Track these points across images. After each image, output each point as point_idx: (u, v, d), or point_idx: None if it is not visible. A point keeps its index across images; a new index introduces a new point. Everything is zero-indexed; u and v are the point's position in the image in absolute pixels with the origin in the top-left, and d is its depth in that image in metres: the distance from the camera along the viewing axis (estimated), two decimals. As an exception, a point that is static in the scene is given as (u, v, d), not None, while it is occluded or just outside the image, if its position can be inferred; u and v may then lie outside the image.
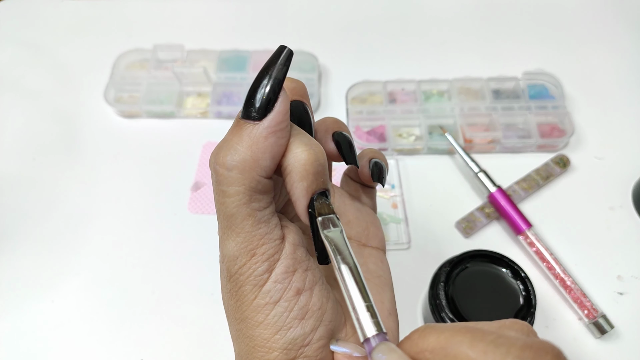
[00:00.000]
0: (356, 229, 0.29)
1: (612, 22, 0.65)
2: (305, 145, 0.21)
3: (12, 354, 0.42)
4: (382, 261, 0.29)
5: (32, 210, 0.50)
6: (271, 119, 0.20)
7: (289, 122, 0.21)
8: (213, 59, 0.59)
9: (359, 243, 0.28)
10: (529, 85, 0.56)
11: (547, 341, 0.17)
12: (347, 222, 0.29)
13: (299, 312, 0.22)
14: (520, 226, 0.46)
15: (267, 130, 0.20)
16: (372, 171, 0.28)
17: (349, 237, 0.28)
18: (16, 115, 0.57)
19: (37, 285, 0.45)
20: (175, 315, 0.44)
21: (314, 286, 0.23)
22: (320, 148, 0.22)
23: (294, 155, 0.21)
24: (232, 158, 0.20)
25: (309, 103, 0.25)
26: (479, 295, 0.40)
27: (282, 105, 0.21)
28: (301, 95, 0.25)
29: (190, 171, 0.52)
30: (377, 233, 0.29)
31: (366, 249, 0.28)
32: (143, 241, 0.48)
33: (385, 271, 0.28)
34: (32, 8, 0.68)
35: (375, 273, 0.28)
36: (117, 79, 0.58)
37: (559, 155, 0.51)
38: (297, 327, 0.22)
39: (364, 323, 0.19)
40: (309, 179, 0.21)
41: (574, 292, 0.43)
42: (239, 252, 0.21)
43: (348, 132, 0.27)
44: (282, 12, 0.67)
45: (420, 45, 0.63)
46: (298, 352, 0.22)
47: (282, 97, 0.21)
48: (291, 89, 0.24)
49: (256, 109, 0.20)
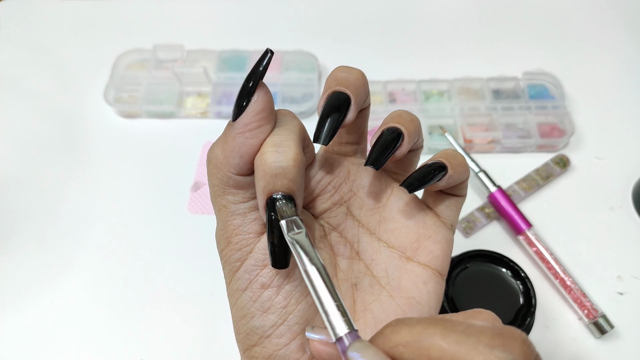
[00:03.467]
0: (402, 239, 0.26)
1: (612, 22, 0.65)
2: (272, 146, 0.21)
3: (12, 354, 0.42)
4: (424, 282, 0.26)
5: (32, 210, 0.50)
6: (239, 120, 0.22)
7: (262, 123, 0.22)
8: (213, 59, 0.59)
9: (402, 255, 0.26)
10: (529, 85, 0.56)
11: (513, 327, 0.17)
12: (391, 230, 0.26)
13: (262, 305, 0.23)
14: (520, 226, 0.46)
15: (235, 130, 0.22)
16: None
17: (392, 247, 0.26)
18: (16, 115, 0.57)
19: (37, 285, 0.45)
20: (175, 315, 0.44)
21: (282, 285, 0.23)
22: (291, 151, 0.21)
23: (259, 155, 0.22)
24: (210, 154, 0.23)
25: (358, 93, 0.24)
26: (479, 295, 0.40)
27: (251, 108, 0.21)
28: (350, 85, 0.23)
29: (190, 171, 0.52)
30: (433, 249, 0.26)
31: (409, 264, 0.26)
32: (143, 241, 0.48)
33: (423, 295, 0.25)
34: (32, 8, 0.68)
35: (406, 292, 0.26)
36: (117, 79, 0.58)
37: (559, 155, 0.51)
38: (258, 318, 0.23)
39: (334, 322, 0.19)
40: (265, 179, 0.21)
41: (574, 292, 0.43)
42: (219, 238, 0.24)
43: (408, 131, 0.24)
44: (282, 12, 0.67)
45: (420, 45, 0.63)
46: (258, 340, 0.23)
47: (254, 99, 0.21)
48: (340, 79, 0.24)
49: (233, 111, 0.22)
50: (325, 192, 0.26)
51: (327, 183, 0.26)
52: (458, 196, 0.27)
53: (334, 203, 0.26)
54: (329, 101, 0.23)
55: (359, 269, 0.27)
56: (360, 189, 0.27)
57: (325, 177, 0.26)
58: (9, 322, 0.43)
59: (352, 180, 0.27)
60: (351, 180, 0.27)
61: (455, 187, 0.26)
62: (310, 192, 0.26)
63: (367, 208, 0.27)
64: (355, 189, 0.27)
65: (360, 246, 0.27)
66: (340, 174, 0.26)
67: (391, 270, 0.26)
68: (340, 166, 0.26)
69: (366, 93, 0.25)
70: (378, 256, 0.26)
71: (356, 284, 0.26)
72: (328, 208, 0.26)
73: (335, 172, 0.26)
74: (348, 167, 0.27)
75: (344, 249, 0.27)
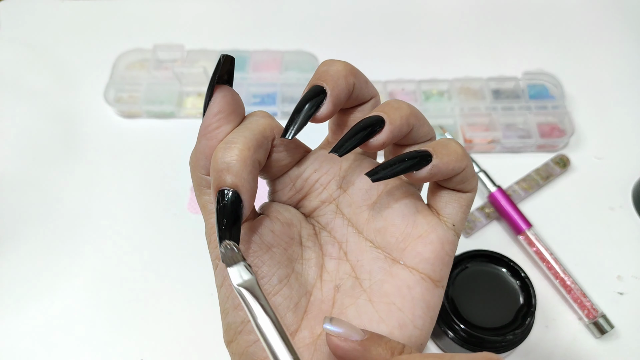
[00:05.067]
0: (388, 238, 0.24)
1: (612, 22, 0.65)
2: (222, 144, 0.22)
3: (12, 354, 0.42)
4: (409, 287, 0.23)
5: (31, 211, 0.50)
6: (201, 123, 0.23)
7: (221, 124, 0.22)
8: (213, 59, 0.59)
9: (388, 257, 0.24)
10: (529, 85, 0.56)
11: None
12: (377, 229, 0.24)
13: (232, 301, 0.23)
14: (520, 226, 0.46)
15: (199, 133, 0.23)
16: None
17: (378, 247, 0.25)
18: (16, 115, 0.57)
19: (37, 285, 0.45)
20: (175, 315, 0.44)
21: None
22: (238, 147, 0.21)
23: (213, 153, 0.22)
24: (190, 157, 0.24)
25: (335, 85, 0.22)
26: (479, 295, 0.40)
27: (209, 110, 0.22)
28: (327, 78, 0.22)
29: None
30: (421, 251, 0.23)
31: (395, 267, 0.24)
32: (143, 241, 0.48)
33: (406, 301, 0.23)
34: (32, 8, 0.68)
35: (387, 298, 0.23)
36: (117, 79, 0.58)
37: (559, 155, 0.51)
38: (231, 314, 0.23)
39: None
40: (213, 175, 0.21)
41: (574, 292, 0.43)
42: (206, 236, 0.24)
43: (391, 118, 0.22)
44: (282, 12, 0.67)
45: (420, 45, 0.63)
46: (233, 336, 0.24)
47: (211, 102, 0.22)
48: (320, 72, 0.23)
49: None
50: (313, 190, 0.25)
51: (314, 181, 0.25)
52: (461, 191, 0.24)
53: (322, 201, 0.26)
54: (303, 96, 0.22)
55: (344, 270, 0.25)
56: (350, 185, 0.25)
57: (313, 174, 0.25)
58: (9, 322, 0.43)
59: (341, 177, 0.25)
60: (341, 177, 0.25)
61: (455, 180, 0.23)
62: (299, 190, 0.25)
63: (356, 206, 0.25)
64: (345, 185, 0.25)
65: (348, 246, 0.25)
66: (330, 171, 0.25)
67: (375, 273, 0.24)
68: (332, 162, 0.25)
69: (348, 85, 0.23)
70: (363, 257, 0.25)
71: (339, 286, 0.25)
72: (317, 206, 0.26)
73: (324, 168, 0.25)
74: (340, 163, 0.26)
75: (332, 248, 0.26)
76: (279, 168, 0.25)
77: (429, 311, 0.23)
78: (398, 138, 0.22)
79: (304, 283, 0.25)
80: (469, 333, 0.38)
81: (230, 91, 0.22)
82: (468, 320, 0.38)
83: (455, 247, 0.24)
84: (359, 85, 0.23)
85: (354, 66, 0.23)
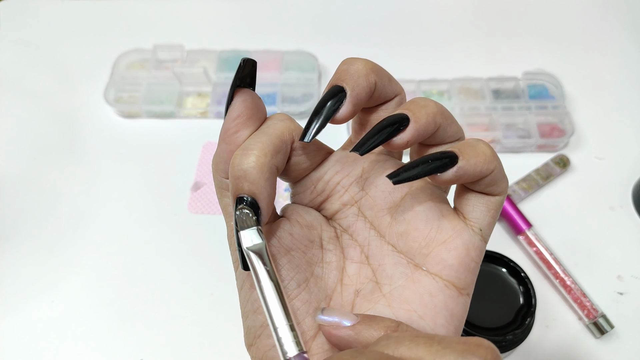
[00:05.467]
0: (410, 243, 0.23)
1: (612, 22, 0.65)
2: (240, 150, 0.21)
3: (12, 354, 0.42)
4: (431, 295, 0.22)
5: (32, 210, 0.50)
6: (222, 127, 0.22)
7: (240, 129, 0.22)
8: (213, 59, 0.59)
9: (410, 262, 0.23)
10: (529, 85, 0.56)
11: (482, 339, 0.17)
12: (400, 233, 0.24)
13: (252, 305, 0.23)
14: (520, 226, 0.46)
15: (219, 137, 0.23)
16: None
17: (400, 252, 0.24)
18: (16, 115, 0.57)
19: (37, 285, 0.45)
20: (175, 315, 0.44)
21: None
22: (254, 154, 0.21)
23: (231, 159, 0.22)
24: (212, 159, 0.24)
25: (356, 84, 0.22)
26: (479, 295, 0.40)
27: (228, 115, 0.22)
28: (347, 77, 0.22)
29: (190, 171, 0.52)
30: (445, 257, 0.22)
31: (417, 273, 0.23)
32: (143, 241, 0.48)
33: (428, 309, 0.22)
34: (32, 8, 0.68)
35: (408, 305, 0.22)
36: (117, 79, 0.58)
37: (559, 155, 0.51)
38: (250, 318, 0.23)
39: (284, 342, 0.19)
40: (231, 182, 0.21)
41: (574, 292, 0.43)
42: (227, 237, 0.24)
43: (416, 116, 0.21)
44: (282, 12, 0.67)
45: (420, 45, 0.63)
46: (253, 340, 0.23)
47: (231, 107, 0.22)
48: (340, 72, 0.22)
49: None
50: (334, 193, 0.25)
51: (336, 183, 0.25)
52: (489, 194, 0.23)
53: (343, 204, 0.25)
54: (322, 97, 0.22)
55: (365, 275, 0.24)
56: (372, 187, 0.24)
57: (334, 176, 0.25)
58: (10, 322, 0.43)
59: (364, 179, 0.25)
60: (364, 178, 0.25)
61: (483, 183, 0.22)
62: (320, 193, 0.25)
63: (378, 208, 0.24)
64: (367, 187, 0.25)
65: (369, 250, 0.25)
66: (352, 173, 0.25)
67: (396, 278, 0.23)
68: (354, 164, 0.25)
69: (369, 84, 0.22)
70: (385, 261, 0.24)
71: (359, 290, 0.24)
72: (338, 209, 0.25)
73: (346, 170, 0.25)
74: (362, 164, 0.25)
75: (353, 252, 0.25)
76: (299, 171, 0.24)
77: (453, 320, 0.22)
78: (423, 137, 0.22)
79: (324, 287, 0.24)
80: (468, 333, 0.38)
81: (250, 95, 0.22)
82: (468, 320, 0.38)
83: (481, 253, 0.23)
84: (381, 83, 0.22)
85: (376, 63, 0.23)
